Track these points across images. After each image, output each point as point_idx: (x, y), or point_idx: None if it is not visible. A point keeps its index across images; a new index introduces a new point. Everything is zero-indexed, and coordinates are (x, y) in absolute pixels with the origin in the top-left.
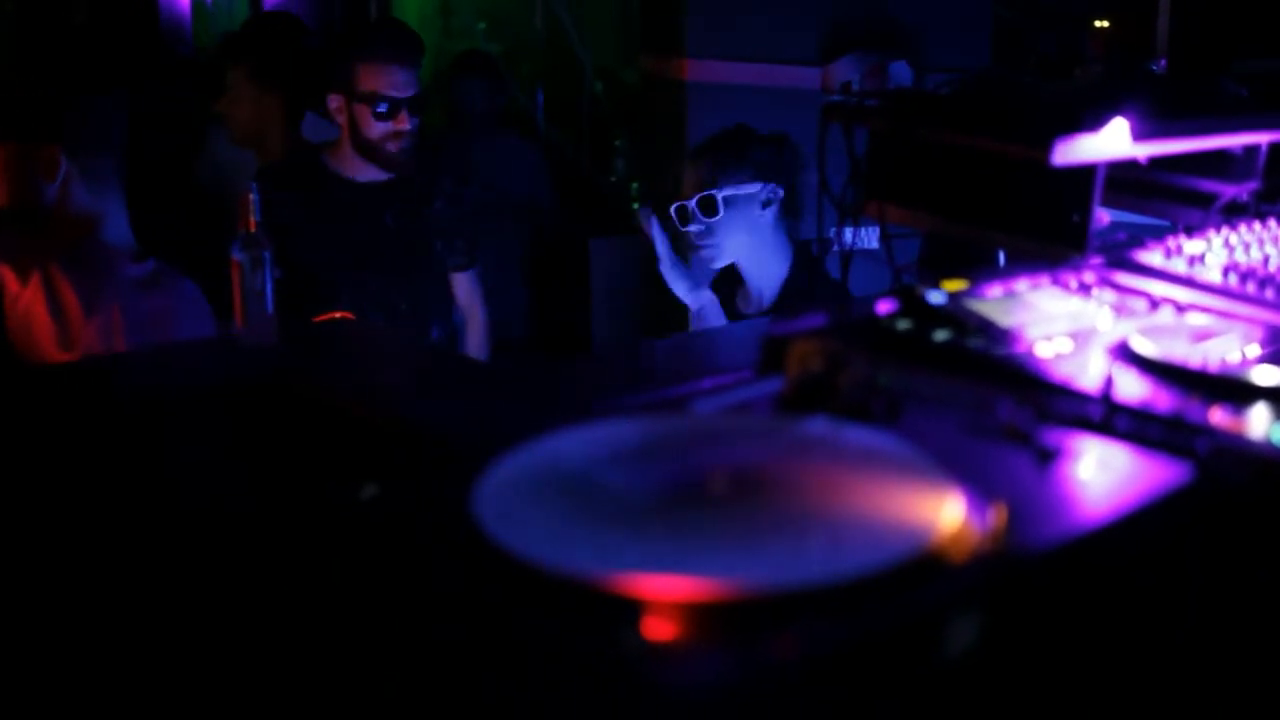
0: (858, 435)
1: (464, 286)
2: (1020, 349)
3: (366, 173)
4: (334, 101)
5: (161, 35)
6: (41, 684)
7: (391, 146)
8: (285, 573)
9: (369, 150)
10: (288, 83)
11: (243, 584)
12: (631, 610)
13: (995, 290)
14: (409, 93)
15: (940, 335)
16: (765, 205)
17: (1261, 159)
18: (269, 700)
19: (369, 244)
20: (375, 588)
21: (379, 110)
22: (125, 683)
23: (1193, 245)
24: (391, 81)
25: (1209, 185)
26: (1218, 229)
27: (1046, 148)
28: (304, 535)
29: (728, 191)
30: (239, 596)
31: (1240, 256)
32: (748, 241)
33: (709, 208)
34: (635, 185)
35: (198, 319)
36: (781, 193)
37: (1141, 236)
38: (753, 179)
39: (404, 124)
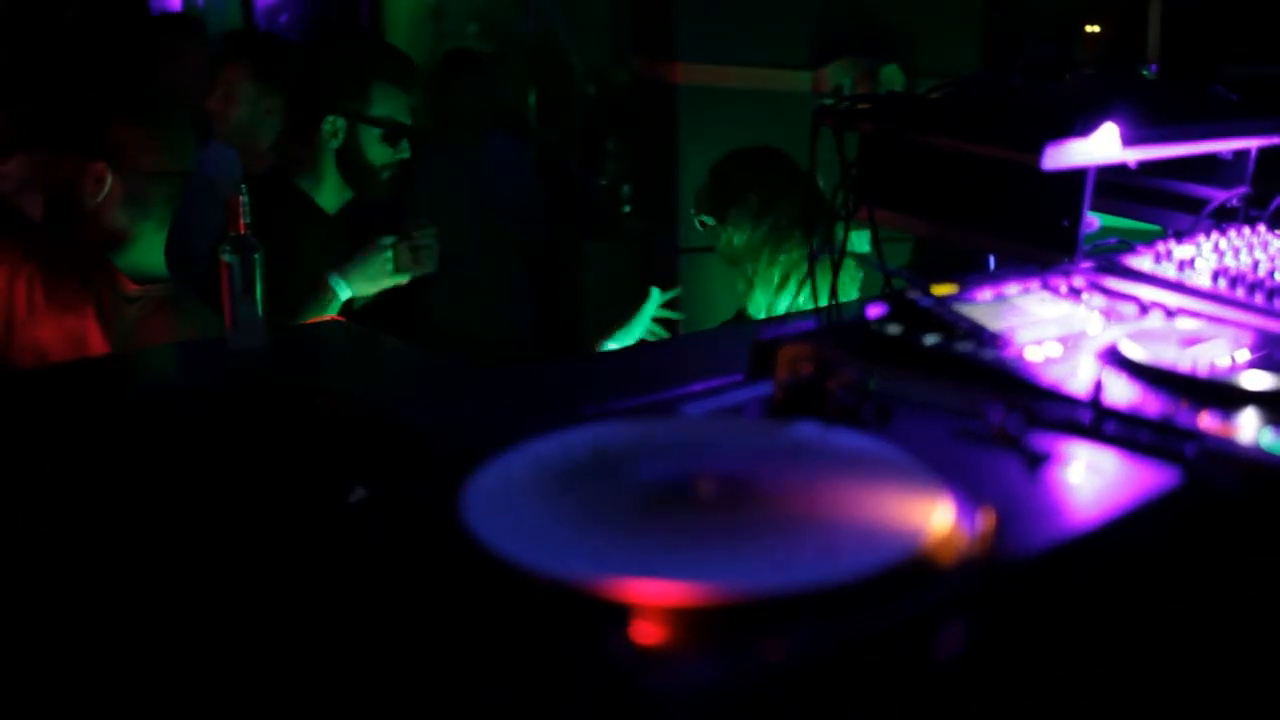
0: (847, 440)
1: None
2: (1010, 353)
3: (339, 200)
4: (331, 123)
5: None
6: (21, 673)
7: (386, 174)
8: (271, 577)
9: (361, 177)
10: (286, 86)
11: (227, 589)
12: (620, 615)
13: (985, 294)
14: (409, 120)
15: (930, 339)
16: None
17: (1251, 164)
18: (253, 701)
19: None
20: (362, 591)
21: (386, 136)
22: (104, 680)
23: (1182, 250)
24: (400, 107)
25: (1199, 190)
26: (1207, 234)
27: (1037, 152)
28: (291, 539)
29: None
30: (224, 601)
31: (1230, 261)
32: None
33: None
34: (627, 189)
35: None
36: None
37: (1131, 241)
38: None
39: (405, 152)
